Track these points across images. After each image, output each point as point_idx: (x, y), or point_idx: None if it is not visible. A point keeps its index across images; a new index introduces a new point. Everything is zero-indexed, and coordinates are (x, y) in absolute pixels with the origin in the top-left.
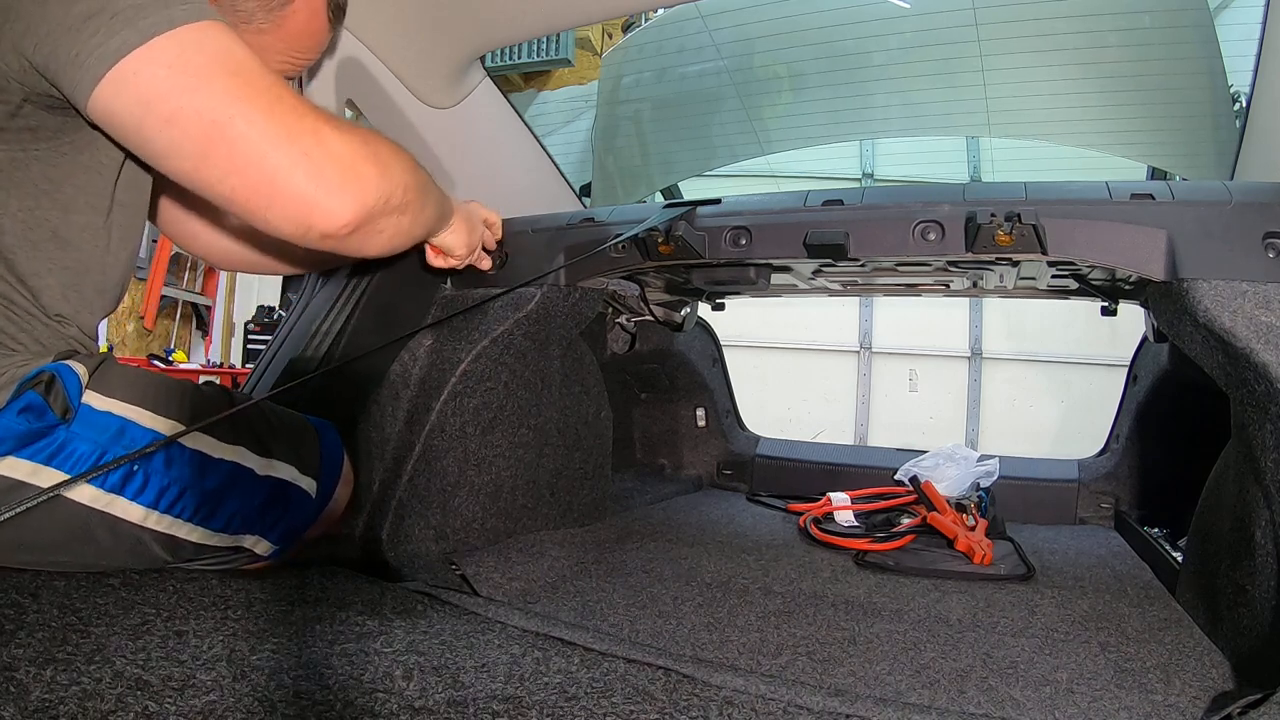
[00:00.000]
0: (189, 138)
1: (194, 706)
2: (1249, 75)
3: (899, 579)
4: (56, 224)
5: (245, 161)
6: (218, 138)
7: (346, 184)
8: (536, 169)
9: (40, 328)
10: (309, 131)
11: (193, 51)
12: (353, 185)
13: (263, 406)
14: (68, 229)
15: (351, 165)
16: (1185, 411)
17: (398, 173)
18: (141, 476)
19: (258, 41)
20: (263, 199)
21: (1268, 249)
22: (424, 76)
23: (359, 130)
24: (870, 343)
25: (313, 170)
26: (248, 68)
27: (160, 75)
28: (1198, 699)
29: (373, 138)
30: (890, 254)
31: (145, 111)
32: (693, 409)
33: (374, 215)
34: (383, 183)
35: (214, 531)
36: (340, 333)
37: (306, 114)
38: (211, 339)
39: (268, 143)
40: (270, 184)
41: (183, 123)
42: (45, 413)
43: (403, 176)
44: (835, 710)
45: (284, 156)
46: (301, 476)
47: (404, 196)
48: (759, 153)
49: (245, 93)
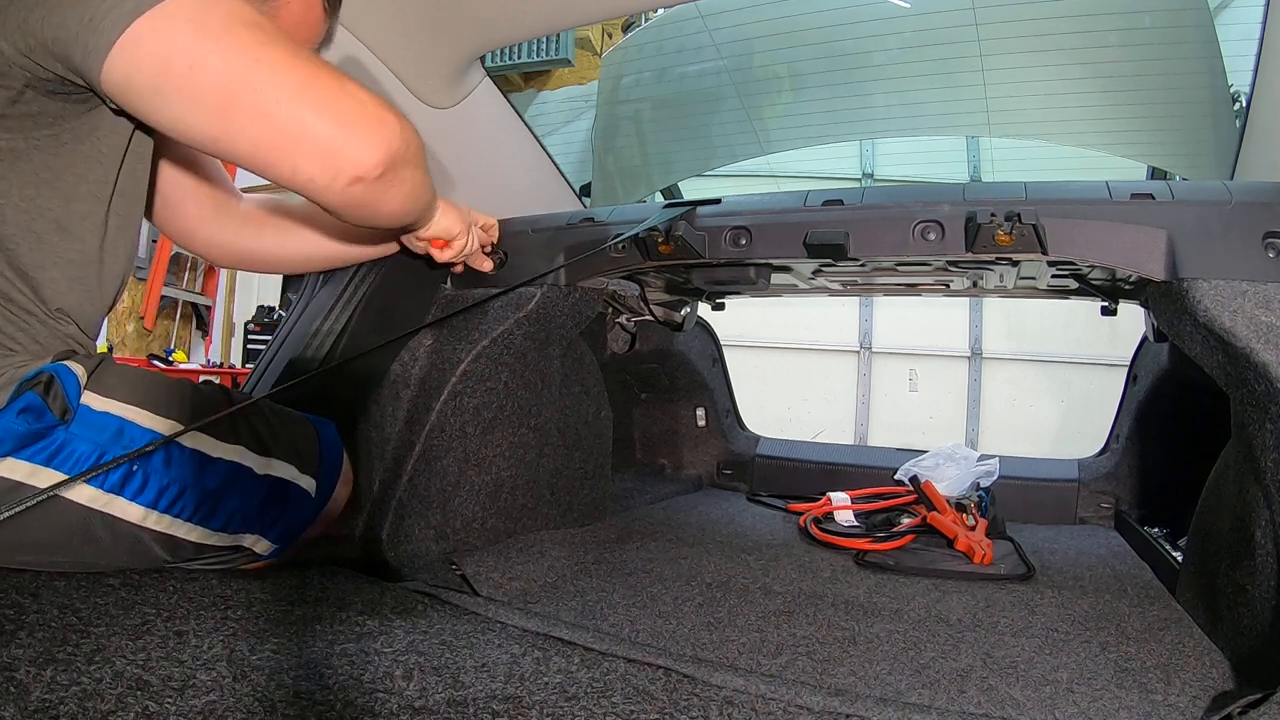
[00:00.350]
0: (212, 88)
1: (194, 706)
2: (1249, 75)
3: (899, 579)
4: (59, 214)
5: (271, 108)
6: (242, 85)
7: (373, 128)
8: (536, 169)
9: (39, 327)
10: (333, 79)
11: (209, 7)
12: (379, 129)
13: (262, 406)
14: (69, 218)
15: (376, 111)
16: (1185, 411)
17: (409, 126)
18: (141, 476)
19: None
20: (290, 145)
21: (1268, 249)
22: (424, 76)
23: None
24: (870, 343)
25: (340, 114)
26: (264, 23)
27: (179, 29)
28: (1198, 699)
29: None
30: (890, 254)
31: (165, 67)
32: (693, 409)
33: (397, 161)
34: (403, 130)
35: (213, 531)
36: (340, 333)
37: (325, 63)
38: (211, 339)
39: (293, 88)
40: (299, 129)
41: (205, 73)
42: (44, 413)
43: (411, 133)
44: (835, 710)
45: (310, 102)
46: (301, 475)
47: (417, 150)
48: (759, 153)
49: (266, 41)
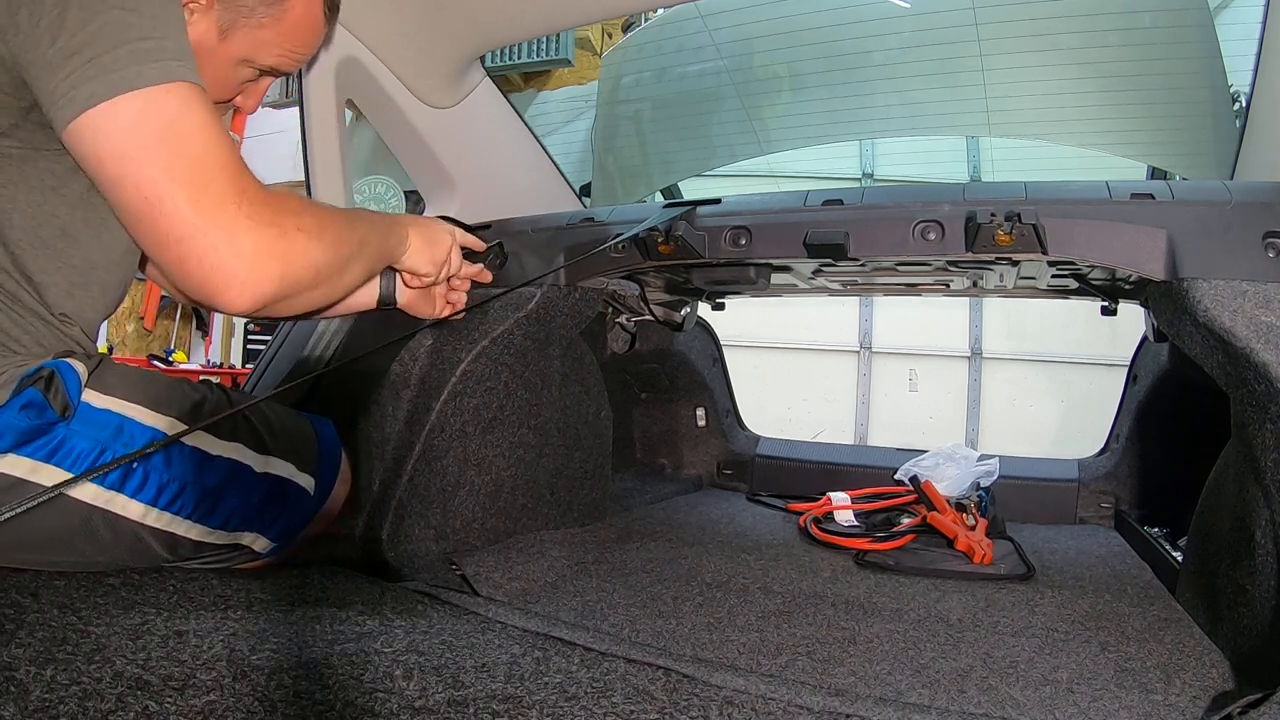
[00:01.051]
0: (128, 202)
1: (194, 706)
2: (1249, 75)
3: (899, 579)
4: (64, 220)
5: (166, 238)
6: (148, 212)
7: (246, 281)
8: (536, 169)
9: (42, 328)
10: (223, 226)
11: (149, 119)
12: (251, 282)
13: (261, 405)
14: (74, 225)
15: (254, 264)
16: (1185, 411)
17: (309, 258)
18: (141, 473)
19: (257, 36)
20: (178, 271)
21: (1268, 249)
22: (424, 76)
23: (283, 216)
24: (870, 343)
25: (219, 263)
26: (191, 145)
27: (114, 138)
28: (1198, 699)
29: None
30: (890, 254)
31: (98, 165)
32: (693, 409)
33: (272, 303)
34: (284, 276)
35: (212, 529)
36: (340, 333)
37: (228, 204)
38: (211, 339)
39: (186, 229)
40: (184, 262)
41: (125, 188)
42: (45, 410)
43: (315, 258)
44: (835, 710)
45: (196, 245)
46: (299, 474)
47: (315, 278)
48: (759, 153)
49: (179, 175)
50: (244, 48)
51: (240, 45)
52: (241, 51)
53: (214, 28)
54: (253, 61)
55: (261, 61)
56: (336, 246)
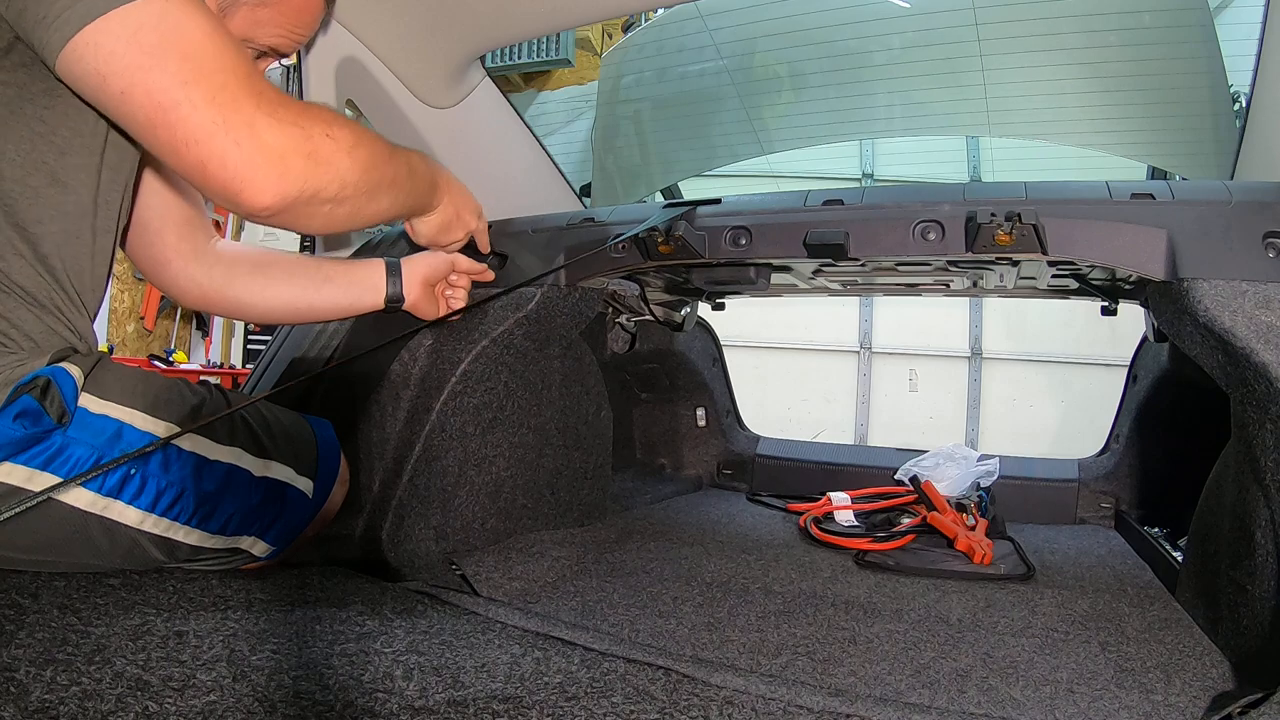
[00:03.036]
0: (139, 112)
1: (194, 706)
2: (1249, 75)
3: (899, 579)
4: (54, 166)
5: (185, 142)
6: (162, 119)
7: (270, 175)
8: (536, 169)
9: (33, 321)
10: (244, 123)
11: (150, 27)
12: (276, 176)
13: (259, 406)
14: (64, 171)
15: (280, 157)
16: (1185, 411)
17: (336, 168)
18: (139, 479)
19: (256, 15)
20: (198, 175)
21: (1268, 249)
22: (424, 76)
23: (309, 121)
24: (870, 343)
25: (242, 159)
26: (200, 49)
27: (117, 50)
28: (1198, 699)
29: (320, 130)
30: (890, 254)
31: (101, 82)
32: (693, 409)
33: (296, 204)
34: (310, 177)
35: (211, 533)
36: (340, 333)
37: (245, 102)
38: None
39: (205, 129)
40: (205, 165)
41: (134, 99)
42: (41, 417)
43: (344, 172)
44: (835, 710)
45: (218, 144)
46: (298, 477)
47: (340, 191)
48: (759, 153)
49: (192, 77)
50: (243, 27)
51: (240, 25)
52: (241, 31)
53: (213, 7)
54: (251, 41)
55: (260, 41)
56: (368, 169)
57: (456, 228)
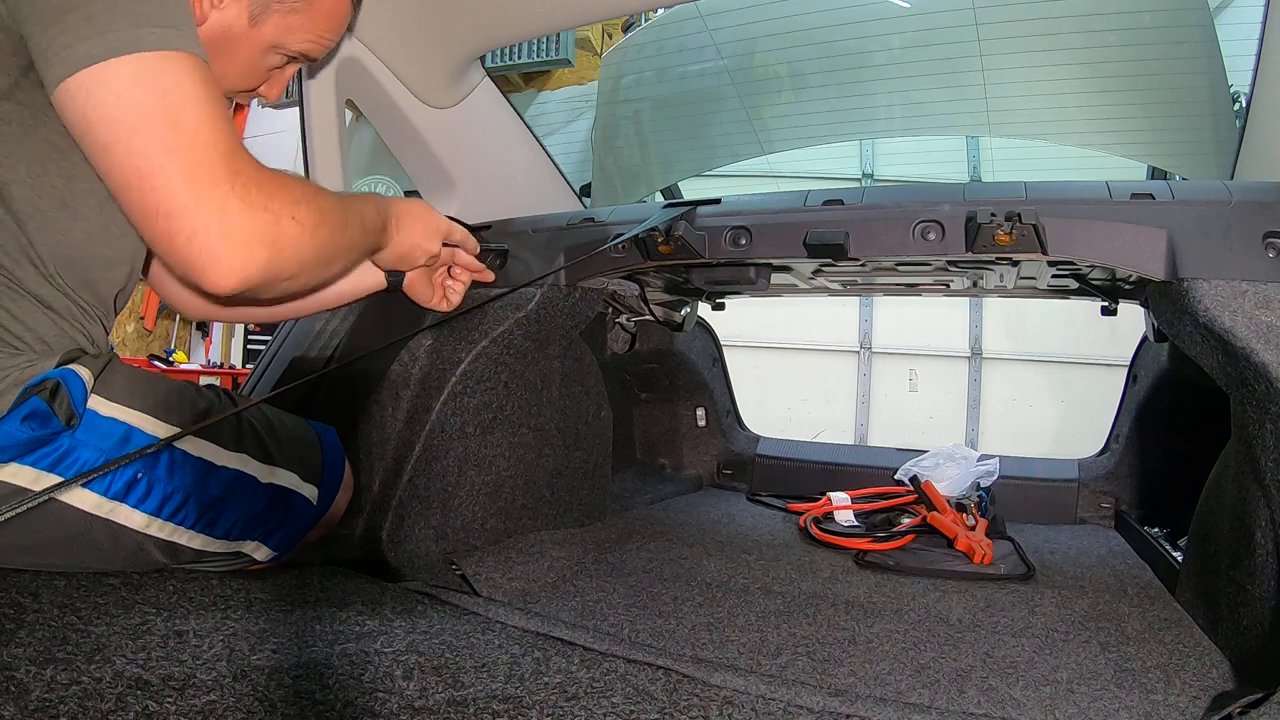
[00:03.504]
0: (117, 170)
1: (194, 706)
2: (1249, 75)
3: (899, 579)
4: (63, 190)
5: (156, 213)
6: (138, 183)
7: (234, 262)
8: (536, 169)
9: (45, 322)
10: (215, 205)
11: (145, 85)
12: (239, 263)
13: (266, 411)
14: (73, 196)
15: (245, 245)
16: (1185, 411)
17: (298, 252)
18: (145, 483)
19: (288, 21)
20: (163, 246)
21: (1268, 249)
22: (424, 76)
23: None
24: (870, 343)
25: (208, 242)
26: (188, 117)
27: (108, 102)
28: (1198, 699)
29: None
30: (890, 254)
31: (88, 128)
32: (693, 409)
33: (255, 288)
34: (272, 265)
35: (214, 538)
36: (340, 333)
37: (221, 182)
38: (212, 339)
39: (177, 204)
40: (172, 239)
41: (115, 156)
42: (49, 419)
43: (305, 255)
44: (835, 710)
45: (187, 222)
46: (303, 484)
47: (299, 270)
48: (759, 153)
49: (175, 146)
50: (274, 33)
51: (271, 31)
52: (272, 37)
53: (245, 13)
54: (282, 47)
55: (291, 47)
56: (326, 244)
57: (414, 256)
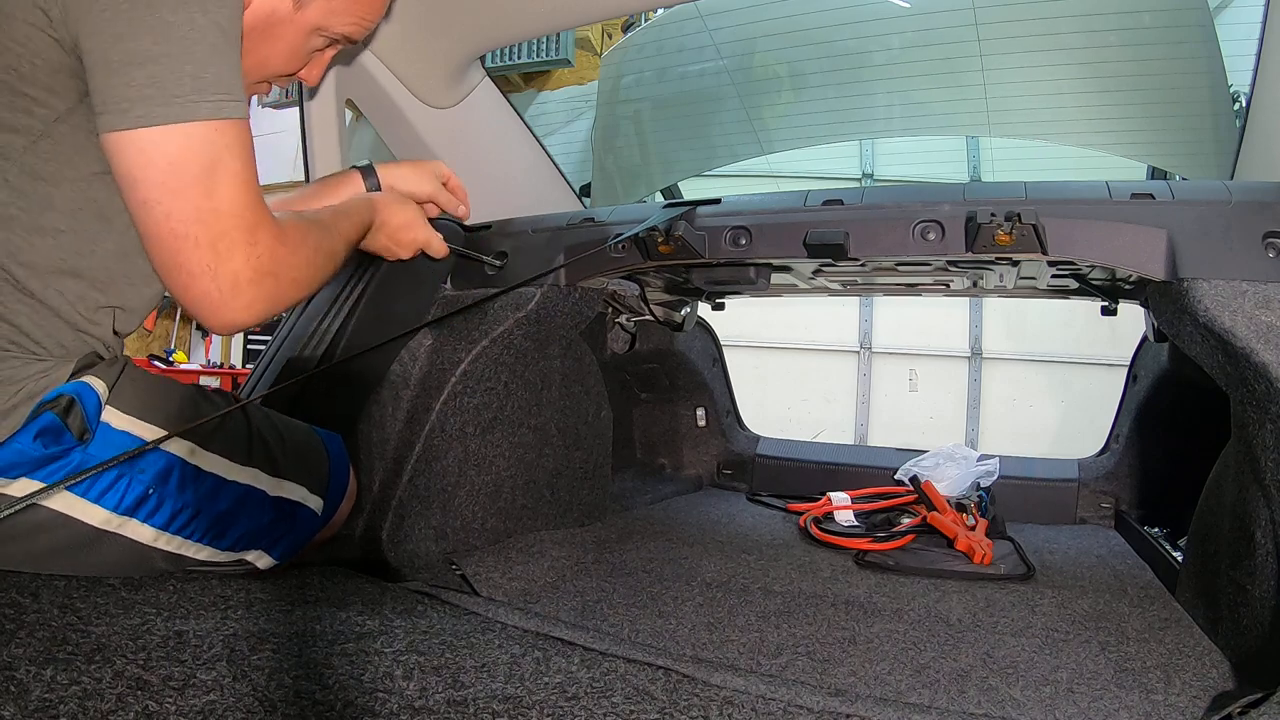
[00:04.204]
0: (152, 225)
1: (194, 706)
2: (1249, 75)
3: (899, 579)
4: (104, 204)
5: (177, 267)
6: (169, 241)
7: (237, 311)
8: (536, 169)
9: (66, 331)
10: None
11: (194, 156)
12: (242, 312)
13: (274, 420)
14: (111, 208)
15: (249, 303)
16: (1185, 411)
17: (294, 295)
18: (156, 499)
19: (331, 5)
20: (177, 291)
21: (1268, 249)
22: (424, 76)
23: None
24: (870, 343)
25: (219, 300)
26: (223, 191)
27: (157, 164)
28: (1198, 699)
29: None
30: (890, 254)
31: (131, 183)
32: (693, 409)
33: (253, 323)
34: (270, 309)
35: (220, 550)
36: (340, 333)
37: (238, 253)
38: (211, 339)
39: (199, 266)
40: (186, 290)
41: (153, 215)
42: (62, 434)
43: (297, 297)
44: (835, 710)
45: (203, 284)
46: (310, 496)
47: (289, 307)
48: (759, 153)
49: (206, 217)
50: (318, 16)
51: (315, 14)
52: (315, 20)
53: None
54: (325, 30)
55: (334, 30)
56: (316, 283)
57: (399, 250)
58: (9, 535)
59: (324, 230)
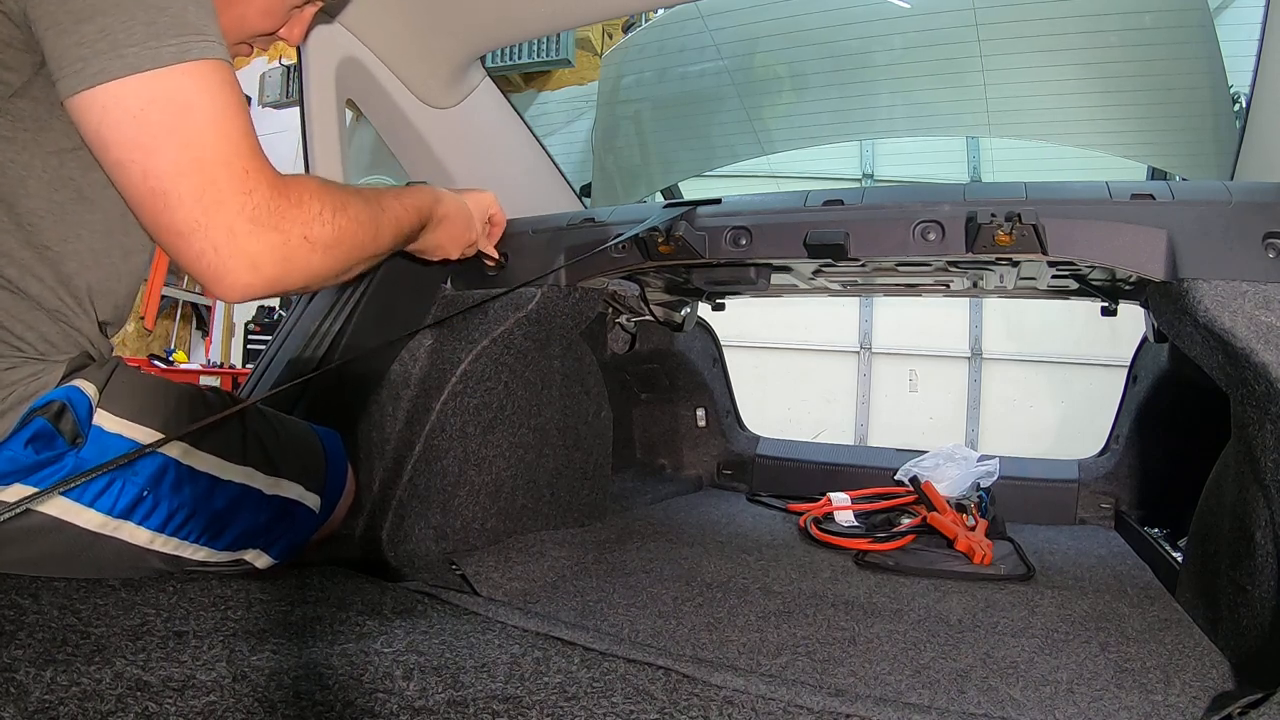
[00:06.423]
0: (131, 186)
1: (194, 707)
2: (1249, 75)
3: (899, 579)
4: (80, 182)
5: (168, 229)
6: (150, 202)
7: (241, 276)
8: (536, 169)
9: (49, 324)
10: (225, 227)
11: (160, 104)
12: (246, 276)
13: (270, 418)
14: (90, 187)
15: (252, 264)
16: (1185, 411)
17: (307, 268)
18: (151, 501)
19: None
20: (175, 255)
21: (1268, 249)
22: (424, 76)
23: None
24: (870, 343)
25: (217, 260)
26: (202, 137)
27: (123, 121)
28: (1198, 699)
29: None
30: (890, 254)
31: (101, 144)
32: (693, 409)
33: (264, 296)
34: (280, 278)
35: (217, 550)
36: (340, 333)
37: (230, 203)
38: (212, 339)
39: (188, 224)
40: (181, 253)
41: (130, 174)
42: (54, 439)
43: (315, 269)
44: (835, 710)
45: (196, 242)
46: (307, 494)
47: (308, 284)
48: (759, 153)
49: (188, 168)
50: None
51: None
52: None
53: None
54: None
55: None
56: (342, 259)
57: (440, 254)
58: (4, 541)
59: (358, 198)
